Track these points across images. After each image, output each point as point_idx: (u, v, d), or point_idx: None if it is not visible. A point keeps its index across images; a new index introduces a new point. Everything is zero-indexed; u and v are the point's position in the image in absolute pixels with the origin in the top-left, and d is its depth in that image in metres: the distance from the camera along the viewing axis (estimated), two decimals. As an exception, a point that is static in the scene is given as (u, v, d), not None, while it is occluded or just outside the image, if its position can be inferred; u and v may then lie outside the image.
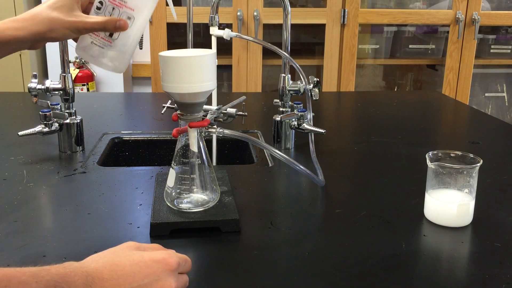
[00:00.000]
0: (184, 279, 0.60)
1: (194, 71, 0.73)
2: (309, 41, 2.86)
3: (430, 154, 0.83)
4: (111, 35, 0.76)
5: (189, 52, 0.76)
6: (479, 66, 2.79)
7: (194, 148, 0.78)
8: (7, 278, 0.46)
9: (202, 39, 2.60)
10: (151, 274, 0.55)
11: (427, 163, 0.82)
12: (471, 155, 0.82)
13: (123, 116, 1.51)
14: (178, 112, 0.78)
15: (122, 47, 0.76)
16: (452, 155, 0.83)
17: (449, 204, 0.79)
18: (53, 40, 0.72)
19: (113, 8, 0.74)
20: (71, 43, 0.81)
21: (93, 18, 0.72)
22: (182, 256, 0.61)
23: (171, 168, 0.81)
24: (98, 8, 0.75)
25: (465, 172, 0.80)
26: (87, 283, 0.51)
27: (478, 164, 0.80)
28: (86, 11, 0.75)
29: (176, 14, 0.86)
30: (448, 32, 2.59)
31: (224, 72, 2.57)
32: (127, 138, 1.25)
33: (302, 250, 0.73)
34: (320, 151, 1.08)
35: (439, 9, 2.63)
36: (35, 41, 0.72)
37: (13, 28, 0.70)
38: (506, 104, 3.02)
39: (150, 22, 2.39)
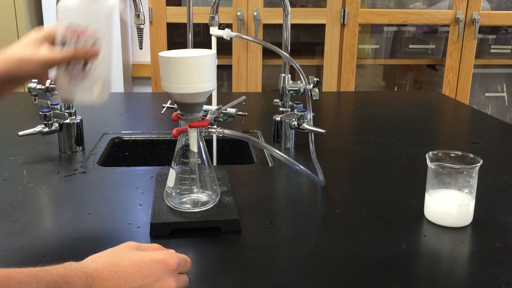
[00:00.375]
0: (184, 279, 0.60)
1: (194, 72, 0.73)
2: (309, 41, 2.85)
3: (430, 154, 0.83)
4: (83, 68, 0.75)
5: (189, 53, 0.76)
6: (479, 66, 2.79)
7: (194, 148, 0.78)
8: (7, 279, 0.46)
9: (202, 39, 2.60)
10: (151, 274, 0.55)
11: (427, 163, 0.82)
12: (471, 155, 0.82)
13: (123, 116, 1.51)
14: (178, 112, 0.78)
15: (100, 75, 0.76)
16: (452, 155, 0.83)
17: (449, 204, 0.79)
18: (24, 77, 0.73)
19: (78, 38, 0.74)
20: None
21: (63, 51, 0.72)
22: (182, 256, 0.61)
23: (171, 168, 0.81)
24: (63, 44, 0.74)
25: (465, 172, 0.80)
26: (87, 283, 0.51)
27: (478, 164, 0.80)
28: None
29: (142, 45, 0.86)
30: (448, 32, 2.59)
31: (224, 72, 2.56)
32: (127, 138, 1.25)
33: (302, 250, 0.73)
34: (320, 151, 1.08)
35: (439, 9, 2.63)
36: (6, 81, 0.71)
37: None
38: (506, 104, 3.02)
39: (150, 22, 2.39)
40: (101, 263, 0.54)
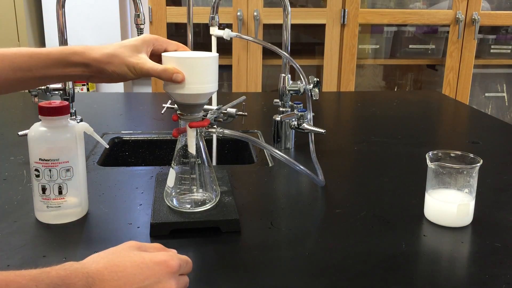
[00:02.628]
0: (184, 281, 0.60)
1: (196, 73, 0.73)
2: (309, 41, 2.86)
3: (430, 154, 0.83)
4: (60, 192, 0.78)
5: (192, 54, 0.76)
6: (479, 66, 2.79)
7: (192, 150, 0.78)
8: (6, 283, 0.46)
9: (202, 39, 2.60)
10: (152, 276, 0.55)
11: (427, 163, 0.82)
12: (471, 155, 0.82)
13: (123, 116, 1.51)
14: (178, 112, 0.78)
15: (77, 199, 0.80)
16: (452, 155, 0.83)
17: (449, 204, 0.79)
18: (111, 74, 0.74)
19: None
20: (72, 44, 0.81)
21: (153, 64, 0.74)
22: (183, 257, 0.61)
23: (171, 168, 0.81)
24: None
25: (465, 172, 0.80)
26: (87, 284, 0.51)
27: (478, 164, 0.80)
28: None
29: (106, 144, 0.87)
30: (448, 32, 2.59)
31: (224, 72, 2.57)
32: (127, 138, 1.25)
33: (302, 250, 0.73)
34: (320, 151, 1.08)
35: (439, 9, 2.63)
36: (95, 70, 0.73)
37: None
38: (506, 104, 3.02)
39: (150, 22, 2.39)
40: (102, 264, 0.54)
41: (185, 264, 0.60)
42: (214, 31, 1.05)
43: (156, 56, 0.77)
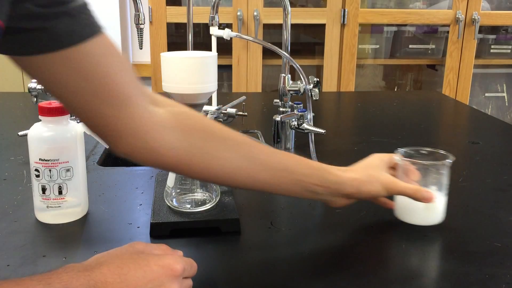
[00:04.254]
0: (188, 284, 0.59)
1: (195, 72, 0.74)
2: (309, 41, 2.85)
3: (400, 150, 0.83)
4: (60, 192, 0.78)
5: (191, 54, 0.76)
6: (479, 66, 2.79)
7: None
8: None
9: (202, 39, 2.60)
10: (155, 280, 0.54)
11: (396, 159, 0.81)
12: (442, 152, 0.82)
13: (123, 116, 1.51)
14: (178, 112, 0.78)
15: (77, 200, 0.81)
16: (422, 151, 0.83)
17: (415, 202, 0.78)
18: (366, 194, 0.76)
19: None
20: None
21: (405, 184, 0.77)
22: (188, 260, 0.60)
23: (171, 168, 0.81)
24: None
25: (432, 169, 0.80)
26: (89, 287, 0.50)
27: (447, 161, 0.79)
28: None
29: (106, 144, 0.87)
30: (448, 32, 2.59)
31: (224, 72, 2.57)
32: (127, 138, 1.25)
33: (302, 250, 0.73)
34: (320, 151, 1.08)
35: (439, 9, 2.63)
36: (347, 191, 0.75)
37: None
38: (506, 104, 3.02)
39: (150, 22, 2.39)
40: (105, 266, 0.53)
41: (190, 267, 0.60)
42: (214, 31, 1.06)
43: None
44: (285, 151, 0.74)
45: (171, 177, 0.80)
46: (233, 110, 1.04)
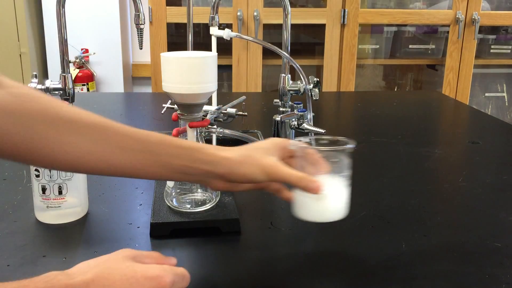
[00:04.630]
0: None
1: (195, 72, 0.74)
2: (309, 41, 2.86)
3: (296, 140, 0.70)
4: (60, 192, 0.78)
5: (191, 54, 0.76)
6: (479, 66, 2.79)
7: None
8: None
9: (202, 39, 2.60)
10: None
11: (292, 146, 0.70)
12: (343, 138, 0.70)
13: (123, 116, 1.51)
14: (178, 112, 0.78)
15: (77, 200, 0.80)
16: (322, 141, 0.71)
17: (309, 194, 0.65)
18: (241, 176, 0.66)
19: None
20: (72, 44, 0.82)
21: (290, 169, 0.66)
22: (179, 272, 0.57)
23: (171, 168, 0.81)
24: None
25: (330, 157, 0.69)
26: None
27: (347, 146, 0.69)
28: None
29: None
30: (448, 32, 2.59)
31: (224, 72, 2.57)
32: (127, 138, 1.25)
33: (302, 250, 0.73)
34: (320, 151, 1.07)
35: (439, 9, 2.63)
36: (222, 172, 0.66)
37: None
38: (506, 104, 3.02)
39: (150, 22, 2.39)
40: (89, 275, 0.51)
41: (181, 279, 0.56)
42: (214, 31, 1.05)
43: (285, 159, 0.70)
44: (150, 131, 0.66)
45: (171, 177, 0.80)
46: (233, 110, 1.04)
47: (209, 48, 0.96)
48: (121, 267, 0.53)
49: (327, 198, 0.67)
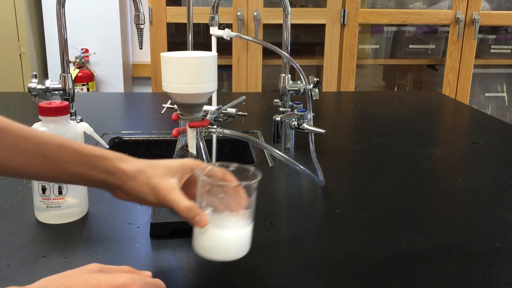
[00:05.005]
0: None
1: (195, 72, 0.73)
2: (309, 41, 2.86)
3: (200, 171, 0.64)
4: (60, 192, 0.78)
5: (191, 54, 0.76)
6: (479, 66, 2.79)
7: (192, 150, 0.78)
8: None
9: (202, 39, 2.60)
10: None
11: (196, 173, 0.64)
12: (252, 169, 0.65)
13: (123, 116, 1.51)
14: (178, 112, 0.78)
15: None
16: (230, 168, 0.65)
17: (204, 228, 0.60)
18: (132, 191, 0.63)
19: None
20: (72, 44, 0.82)
21: (179, 196, 0.62)
22: (151, 281, 0.54)
23: (171, 168, 0.81)
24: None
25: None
26: None
27: (246, 182, 0.62)
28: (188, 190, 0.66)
29: (106, 144, 0.86)
30: (448, 32, 2.59)
31: (224, 72, 2.57)
32: (127, 138, 1.25)
33: (302, 250, 0.73)
34: (320, 151, 1.08)
35: (439, 9, 2.63)
36: (118, 183, 0.64)
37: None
38: (506, 104, 3.02)
39: (150, 22, 2.39)
40: None
41: None
42: (214, 31, 1.05)
43: (192, 184, 0.66)
44: (52, 134, 0.65)
45: (171, 177, 0.80)
46: (233, 110, 1.04)
47: (209, 48, 0.96)
48: (86, 277, 0.51)
49: (214, 234, 0.61)
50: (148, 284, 0.53)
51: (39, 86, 1.11)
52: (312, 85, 1.09)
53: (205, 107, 0.98)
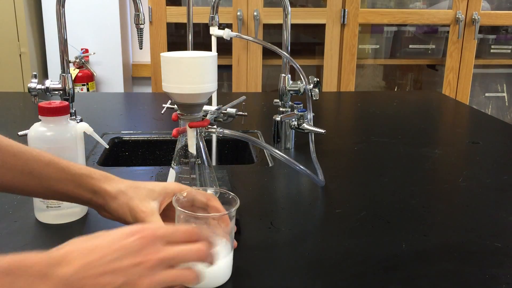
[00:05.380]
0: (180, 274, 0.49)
1: (195, 72, 0.73)
2: (309, 41, 2.86)
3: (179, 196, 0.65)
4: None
5: (191, 54, 0.76)
6: (479, 66, 2.79)
7: (192, 150, 0.78)
8: None
9: (202, 39, 2.60)
10: (126, 247, 0.47)
11: (173, 201, 0.64)
12: (232, 195, 0.65)
13: (123, 116, 1.51)
14: (178, 112, 0.78)
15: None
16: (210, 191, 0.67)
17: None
18: (114, 212, 0.64)
19: None
20: (71, 44, 0.82)
21: (158, 222, 0.62)
22: (172, 227, 0.51)
23: (171, 168, 0.81)
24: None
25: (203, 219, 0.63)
26: (47, 268, 0.44)
27: (224, 213, 0.63)
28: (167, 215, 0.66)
29: (106, 144, 0.86)
30: (448, 32, 2.59)
31: (224, 72, 2.57)
32: (127, 138, 1.25)
33: (302, 250, 0.73)
34: (320, 151, 1.08)
35: (439, 9, 2.63)
36: (102, 202, 0.65)
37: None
38: (506, 104, 3.02)
39: (150, 22, 2.39)
40: (77, 244, 0.47)
41: (172, 232, 0.50)
42: (214, 31, 1.05)
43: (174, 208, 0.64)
44: (40, 151, 0.65)
45: (171, 177, 0.80)
46: (233, 110, 1.04)
47: (209, 48, 0.96)
48: (110, 233, 0.50)
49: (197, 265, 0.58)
50: (168, 228, 0.50)
51: (39, 86, 1.11)
52: (312, 85, 1.09)
53: (205, 107, 0.98)
